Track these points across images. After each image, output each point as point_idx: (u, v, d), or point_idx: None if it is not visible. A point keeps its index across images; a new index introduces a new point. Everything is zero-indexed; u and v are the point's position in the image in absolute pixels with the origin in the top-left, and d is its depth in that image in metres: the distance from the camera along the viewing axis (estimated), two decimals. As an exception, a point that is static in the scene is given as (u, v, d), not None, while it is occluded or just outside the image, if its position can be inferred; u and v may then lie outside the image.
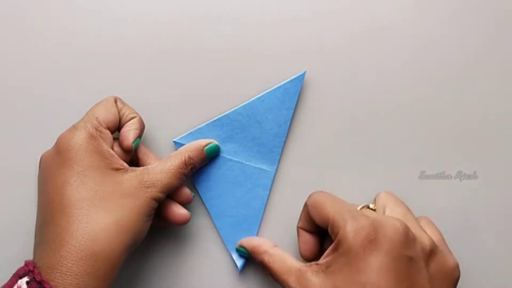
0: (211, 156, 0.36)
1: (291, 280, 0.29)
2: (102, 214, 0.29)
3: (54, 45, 0.38)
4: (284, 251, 0.32)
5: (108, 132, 0.33)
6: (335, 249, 0.29)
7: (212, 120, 0.36)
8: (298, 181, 0.37)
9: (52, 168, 0.31)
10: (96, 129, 0.32)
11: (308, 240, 0.33)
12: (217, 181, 0.36)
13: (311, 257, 0.33)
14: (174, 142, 0.36)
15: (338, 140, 0.38)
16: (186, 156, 0.33)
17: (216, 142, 0.36)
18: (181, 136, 0.36)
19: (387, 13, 0.39)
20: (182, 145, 0.36)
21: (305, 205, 0.33)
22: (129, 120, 0.34)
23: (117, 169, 0.31)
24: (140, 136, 0.34)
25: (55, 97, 0.38)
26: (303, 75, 0.37)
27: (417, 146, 0.38)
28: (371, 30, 0.39)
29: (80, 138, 0.31)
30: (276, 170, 0.37)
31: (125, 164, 0.32)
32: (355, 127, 0.38)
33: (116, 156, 0.32)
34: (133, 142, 0.33)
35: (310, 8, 0.38)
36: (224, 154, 0.36)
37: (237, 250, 0.36)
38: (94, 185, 0.30)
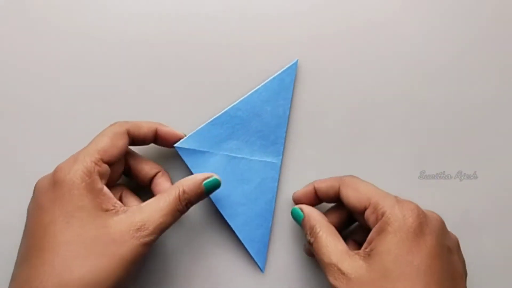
0: (210, 191, 0.32)
1: (339, 261, 0.29)
2: (79, 262, 0.27)
3: (54, 45, 0.38)
4: (333, 235, 0.31)
5: (106, 167, 0.31)
6: (381, 231, 0.29)
7: (211, 119, 0.36)
8: (304, 169, 0.37)
9: (44, 201, 0.29)
10: (96, 164, 0.30)
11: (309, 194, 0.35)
12: (224, 180, 0.34)
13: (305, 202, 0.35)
14: (176, 147, 0.35)
15: (337, 142, 0.38)
16: (181, 190, 0.31)
17: (216, 177, 0.32)
18: (182, 140, 0.35)
19: (385, 6, 0.39)
20: (184, 149, 0.35)
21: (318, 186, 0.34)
22: (155, 175, 0.34)
23: (107, 210, 0.29)
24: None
25: (55, 98, 0.38)
26: (295, 64, 0.37)
27: (417, 146, 0.38)
28: (371, 32, 0.39)
29: (75, 174, 0.29)
30: (282, 160, 0.37)
31: (118, 204, 0.30)
32: (354, 127, 0.38)
33: (108, 195, 0.30)
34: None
35: (305, 1, 0.38)
36: (227, 152, 0.36)
37: (293, 212, 0.34)
38: (79, 228, 0.28)
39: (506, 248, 0.37)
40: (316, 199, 0.35)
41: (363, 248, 0.30)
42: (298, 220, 0.33)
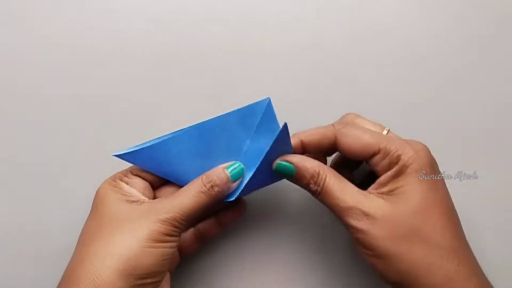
0: (235, 177, 0.31)
1: (359, 203, 0.28)
2: (96, 241, 0.29)
3: (54, 45, 0.38)
4: (340, 178, 0.30)
5: (136, 178, 0.32)
6: (400, 172, 0.29)
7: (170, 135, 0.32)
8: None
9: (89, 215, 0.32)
10: (124, 175, 0.32)
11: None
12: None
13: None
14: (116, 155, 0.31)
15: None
16: (204, 176, 0.31)
17: (240, 164, 0.32)
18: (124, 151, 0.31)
19: (386, 11, 0.39)
20: (122, 155, 0.31)
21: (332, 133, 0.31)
22: None
23: (132, 202, 0.30)
24: None
25: (55, 98, 0.38)
26: (267, 101, 0.32)
27: (417, 146, 0.38)
28: (370, 30, 0.39)
29: (101, 185, 0.31)
30: None
31: (143, 198, 0.31)
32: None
33: (133, 192, 0.31)
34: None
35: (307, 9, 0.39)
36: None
37: (279, 167, 0.31)
38: (99, 217, 0.30)
39: (506, 248, 0.37)
40: (302, 154, 0.32)
41: (374, 188, 0.30)
42: (289, 173, 0.31)
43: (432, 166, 0.30)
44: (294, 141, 0.32)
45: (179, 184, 0.32)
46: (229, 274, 0.37)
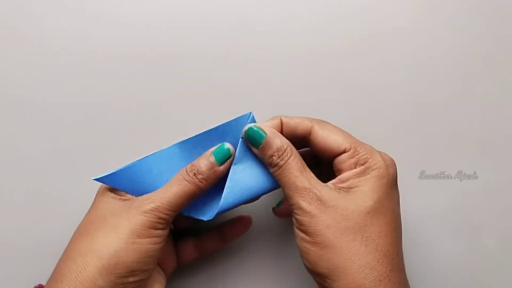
0: (220, 158, 0.30)
1: (315, 187, 0.29)
2: (81, 239, 0.29)
3: (49, 48, 0.38)
4: (303, 162, 0.30)
5: None
6: (364, 173, 0.29)
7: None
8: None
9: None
10: None
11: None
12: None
13: None
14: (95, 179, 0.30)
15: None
16: (189, 166, 0.30)
17: (225, 144, 0.31)
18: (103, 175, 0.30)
19: (387, 17, 0.39)
20: (102, 178, 0.30)
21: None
22: None
23: (124, 200, 0.30)
24: None
25: (51, 100, 0.38)
26: (248, 116, 0.31)
27: (417, 146, 0.38)
28: (371, 34, 0.39)
29: (100, 188, 0.31)
30: None
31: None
32: (355, 127, 0.38)
33: (130, 195, 0.31)
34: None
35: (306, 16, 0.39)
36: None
37: (251, 130, 0.30)
38: (88, 215, 0.30)
39: (506, 248, 0.37)
40: None
41: (333, 183, 0.30)
42: (257, 139, 0.30)
43: (394, 180, 0.31)
44: (274, 121, 0.32)
45: None
46: (226, 277, 0.37)
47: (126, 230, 0.28)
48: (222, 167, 0.30)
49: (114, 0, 0.38)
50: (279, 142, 0.30)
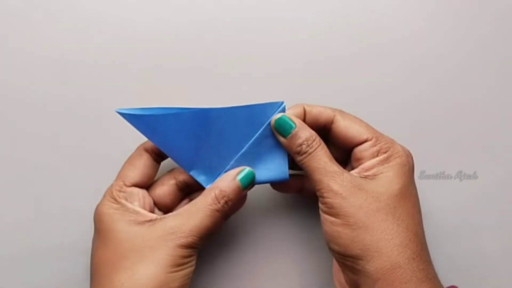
0: (246, 185, 0.31)
1: (338, 169, 0.30)
2: (118, 273, 0.28)
3: (51, 49, 0.38)
4: (329, 152, 0.31)
5: (133, 189, 0.32)
6: (387, 160, 0.30)
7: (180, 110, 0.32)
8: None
9: (93, 240, 0.32)
10: (120, 191, 0.31)
11: None
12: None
13: None
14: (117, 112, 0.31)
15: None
16: (217, 191, 0.30)
17: (250, 168, 0.32)
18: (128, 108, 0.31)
19: (389, 22, 0.39)
20: (124, 114, 0.31)
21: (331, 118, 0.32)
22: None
23: (144, 223, 0.30)
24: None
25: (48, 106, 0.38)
26: (280, 105, 0.32)
27: (417, 146, 0.38)
28: (374, 37, 0.39)
29: (102, 206, 0.31)
30: None
31: (154, 216, 0.31)
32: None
33: (142, 211, 0.31)
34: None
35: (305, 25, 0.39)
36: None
37: (282, 120, 0.31)
38: (114, 246, 0.29)
39: (506, 248, 0.37)
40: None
41: (357, 172, 0.31)
42: (287, 129, 0.31)
43: (413, 169, 0.32)
44: (297, 109, 0.32)
45: (168, 155, 0.32)
46: (227, 275, 0.37)
47: (167, 262, 0.28)
48: (245, 191, 0.32)
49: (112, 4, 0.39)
50: (308, 133, 0.31)
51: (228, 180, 0.31)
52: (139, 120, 0.31)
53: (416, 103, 0.38)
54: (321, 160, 0.30)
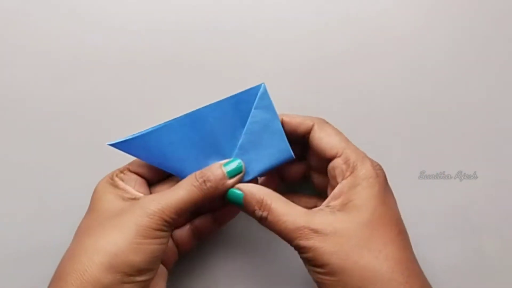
0: (232, 172, 0.31)
1: (307, 221, 0.28)
2: (87, 238, 0.29)
3: (42, 53, 0.38)
4: (287, 202, 0.30)
5: (132, 175, 0.32)
6: (356, 185, 0.29)
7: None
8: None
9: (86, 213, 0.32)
10: (120, 172, 0.32)
11: None
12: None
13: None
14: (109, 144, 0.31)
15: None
16: (199, 171, 0.31)
17: (240, 161, 0.32)
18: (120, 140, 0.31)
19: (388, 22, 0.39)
20: (115, 144, 0.31)
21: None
22: None
23: (128, 199, 0.30)
24: None
25: (53, 98, 0.38)
26: (259, 87, 0.32)
27: (417, 146, 0.38)
28: (373, 38, 0.39)
29: (98, 183, 0.32)
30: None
31: (140, 195, 0.31)
32: (356, 128, 0.38)
33: (131, 189, 0.31)
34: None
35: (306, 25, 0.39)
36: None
37: (230, 194, 0.31)
38: (96, 215, 0.30)
39: (506, 248, 0.37)
40: None
41: (326, 203, 0.30)
42: (238, 200, 0.31)
43: (386, 184, 0.30)
44: None
45: (175, 175, 0.32)
46: (228, 271, 0.37)
47: (132, 230, 0.28)
48: (231, 181, 0.31)
49: (111, 5, 0.39)
50: (256, 194, 0.30)
51: (214, 167, 0.31)
52: (131, 144, 0.31)
53: (416, 103, 0.38)
54: (279, 221, 0.29)
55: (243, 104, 0.32)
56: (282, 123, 0.32)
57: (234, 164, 0.31)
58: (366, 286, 0.27)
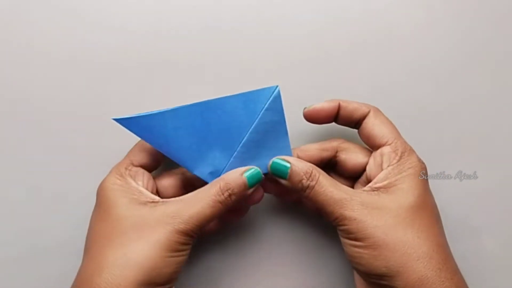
0: (252, 182, 0.31)
1: (354, 194, 0.29)
2: (114, 249, 0.28)
3: (41, 53, 0.38)
4: (332, 179, 0.31)
5: (139, 169, 0.32)
6: (402, 171, 0.30)
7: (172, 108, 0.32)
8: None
9: (92, 213, 0.32)
10: (126, 168, 0.32)
11: None
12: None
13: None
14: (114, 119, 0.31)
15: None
16: (223, 183, 0.30)
17: (257, 168, 0.31)
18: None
19: (389, 19, 0.39)
20: (120, 120, 0.31)
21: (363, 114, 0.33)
22: None
23: (146, 203, 0.30)
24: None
25: (53, 98, 0.38)
26: (274, 89, 0.32)
27: (417, 146, 0.38)
28: (373, 37, 0.39)
29: (107, 181, 0.31)
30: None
31: (157, 198, 0.31)
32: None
33: (145, 191, 0.31)
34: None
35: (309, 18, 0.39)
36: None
37: (276, 163, 0.31)
38: (114, 221, 0.29)
39: (506, 248, 0.37)
40: (332, 118, 0.33)
41: (371, 185, 0.31)
42: (283, 171, 0.31)
43: (427, 175, 0.31)
44: (332, 103, 0.33)
45: (171, 159, 0.32)
46: (228, 271, 0.37)
47: (163, 245, 0.28)
48: (250, 190, 0.31)
49: (111, 5, 0.39)
50: (304, 166, 0.31)
51: (235, 175, 0.31)
52: (135, 122, 0.31)
53: (416, 103, 0.38)
54: (326, 191, 0.30)
55: (254, 103, 0.32)
56: (339, 108, 0.33)
57: (255, 173, 0.31)
58: (407, 262, 0.27)
